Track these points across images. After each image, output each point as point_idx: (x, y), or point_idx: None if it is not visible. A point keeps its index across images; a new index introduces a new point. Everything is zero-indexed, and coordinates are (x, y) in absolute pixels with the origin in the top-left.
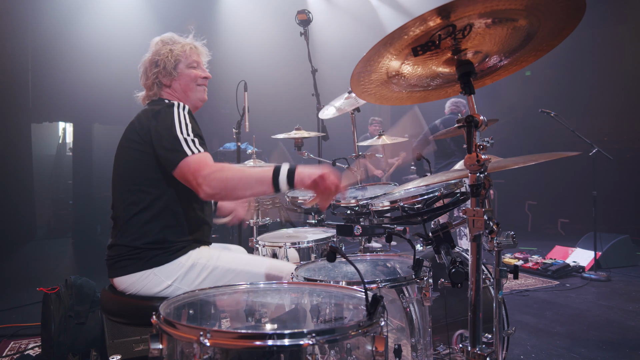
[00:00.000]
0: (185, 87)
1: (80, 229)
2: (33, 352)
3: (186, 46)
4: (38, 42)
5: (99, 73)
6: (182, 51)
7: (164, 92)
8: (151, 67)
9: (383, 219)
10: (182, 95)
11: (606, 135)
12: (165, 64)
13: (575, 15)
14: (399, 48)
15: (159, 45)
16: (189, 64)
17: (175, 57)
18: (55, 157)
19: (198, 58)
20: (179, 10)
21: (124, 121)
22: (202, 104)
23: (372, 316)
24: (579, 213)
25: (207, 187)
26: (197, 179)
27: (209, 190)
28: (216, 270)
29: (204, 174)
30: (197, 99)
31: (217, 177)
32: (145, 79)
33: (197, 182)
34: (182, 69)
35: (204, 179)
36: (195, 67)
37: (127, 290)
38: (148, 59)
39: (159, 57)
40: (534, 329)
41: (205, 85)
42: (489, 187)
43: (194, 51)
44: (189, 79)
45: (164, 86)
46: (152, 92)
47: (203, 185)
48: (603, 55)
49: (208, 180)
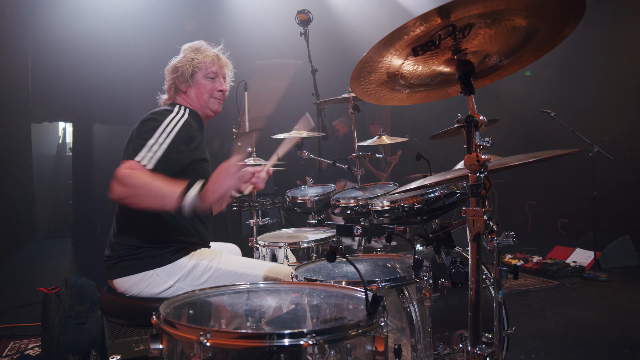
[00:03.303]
0: (199, 97)
1: (80, 229)
2: (33, 352)
3: (208, 57)
4: (38, 42)
5: (99, 73)
6: (203, 61)
7: (179, 98)
8: (172, 72)
9: (383, 219)
10: (196, 103)
11: (606, 135)
12: (184, 71)
13: (575, 16)
14: (399, 48)
15: (185, 52)
16: (207, 74)
17: (195, 65)
18: (55, 157)
19: (218, 70)
20: (179, 11)
21: (124, 121)
22: (215, 114)
23: (372, 316)
24: (579, 213)
25: (116, 189)
26: (115, 178)
27: (116, 193)
28: (218, 271)
29: (123, 176)
30: (210, 109)
31: (127, 181)
32: (166, 82)
33: (113, 181)
34: (199, 79)
35: (118, 181)
36: (213, 79)
37: (129, 291)
38: (173, 63)
39: (181, 63)
40: (534, 329)
41: (219, 99)
42: (489, 188)
43: (215, 62)
44: (204, 89)
45: (180, 92)
46: (169, 95)
47: (114, 187)
48: (603, 55)
49: (121, 184)
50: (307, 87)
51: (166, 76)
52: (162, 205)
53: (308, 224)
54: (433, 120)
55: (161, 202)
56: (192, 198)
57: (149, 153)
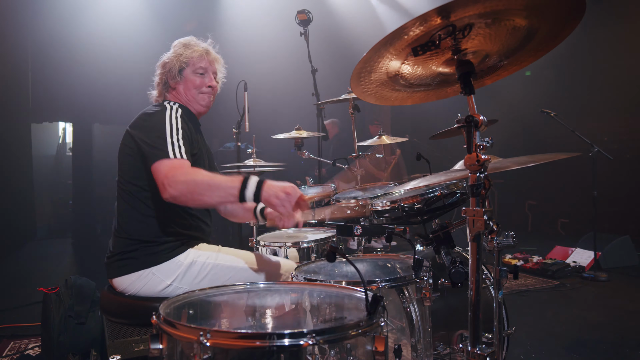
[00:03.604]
0: (187, 92)
1: (80, 229)
2: (33, 352)
3: (196, 52)
4: (38, 42)
5: (98, 73)
6: (191, 56)
7: (169, 94)
8: (161, 68)
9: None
10: (184, 99)
11: (606, 135)
12: (172, 67)
13: (575, 15)
14: (399, 48)
15: (175, 48)
16: (195, 70)
17: (183, 61)
18: (55, 157)
19: (208, 65)
20: (179, 10)
21: (124, 121)
22: (207, 110)
23: (372, 316)
24: (579, 213)
25: (173, 189)
26: (164, 180)
27: (173, 192)
28: (216, 268)
29: (171, 175)
30: (200, 105)
31: (184, 179)
32: (156, 78)
33: (163, 183)
34: (188, 74)
35: (170, 180)
36: (202, 74)
37: (127, 290)
38: (162, 59)
39: (169, 59)
40: (534, 329)
41: (209, 94)
42: (489, 187)
43: (203, 57)
44: (192, 85)
45: (170, 88)
46: (159, 92)
47: (167, 187)
48: (603, 55)
49: (173, 182)
50: (307, 87)
51: (156, 72)
52: (225, 200)
53: (308, 224)
54: (433, 120)
55: (224, 197)
56: (253, 186)
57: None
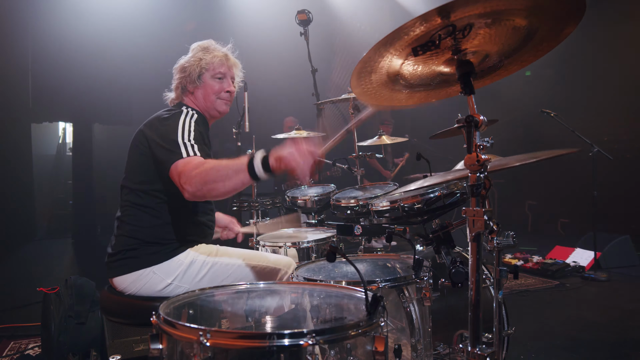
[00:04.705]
0: (206, 98)
1: (80, 229)
2: (33, 352)
3: (217, 57)
4: (38, 42)
5: (99, 73)
6: (211, 62)
7: (186, 98)
8: (180, 72)
9: (383, 219)
10: (202, 104)
11: (606, 135)
12: (191, 71)
13: (575, 16)
14: (399, 48)
15: (194, 51)
16: (215, 75)
17: (202, 66)
18: (55, 157)
19: (227, 70)
20: (179, 11)
21: (124, 121)
22: (222, 115)
23: (372, 316)
24: (579, 213)
25: (189, 185)
26: (181, 178)
27: (190, 189)
28: (216, 265)
29: (185, 172)
30: (216, 110)
31: (196, 172)
32: (174, 81)
33: (181, 182)
34: (207, 79)
35: (186, 177)
36: (221, 79)
37: (127, 290)
38: (181, 63)
39: (188, 63)
40: (534, 328)
41: (226, 100)
42: (489, 187)
43: (223, 63)
44: (211, 90)
45: (187, 92)
46: (177, 95)
47: (185, 184)
48: (603, 55)
49: (189, 178)
50: (307, 87)
51: (174, 75)
52: (239, 180)
53: (308, 224)
54: (433, 120)
55: (236, 177)
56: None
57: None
